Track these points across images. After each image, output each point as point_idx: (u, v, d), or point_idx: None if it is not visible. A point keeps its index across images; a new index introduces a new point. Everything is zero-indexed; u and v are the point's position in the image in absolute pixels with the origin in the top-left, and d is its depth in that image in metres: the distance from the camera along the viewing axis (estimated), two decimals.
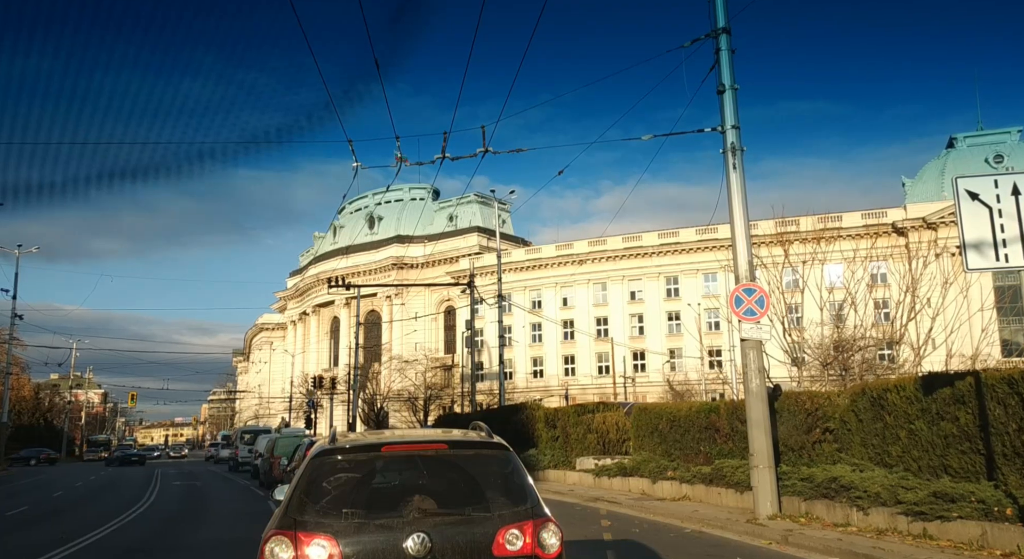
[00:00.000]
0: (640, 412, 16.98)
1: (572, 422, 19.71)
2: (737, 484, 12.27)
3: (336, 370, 73.02)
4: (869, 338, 19.85)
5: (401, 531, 4.20)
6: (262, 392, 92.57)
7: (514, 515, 4.44)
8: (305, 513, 4.30)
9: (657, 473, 14.97)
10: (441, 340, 78.65)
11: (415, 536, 4.18)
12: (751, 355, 11.31)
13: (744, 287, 11.37)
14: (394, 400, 66.57)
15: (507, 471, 4.76)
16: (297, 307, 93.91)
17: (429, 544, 4.17)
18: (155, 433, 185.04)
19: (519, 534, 4.37)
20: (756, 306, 11.20)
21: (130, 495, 22.23)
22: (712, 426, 13.78)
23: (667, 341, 65.00)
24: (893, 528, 8.81)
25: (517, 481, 4.70)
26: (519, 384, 66.62)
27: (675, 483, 14.36)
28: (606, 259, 68.14)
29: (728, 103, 11.52)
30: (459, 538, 4.26)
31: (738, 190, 11.44)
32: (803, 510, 10.51)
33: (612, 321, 66.96)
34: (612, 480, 16.78)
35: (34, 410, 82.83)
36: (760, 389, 11.18)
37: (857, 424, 10.64)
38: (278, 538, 4.19)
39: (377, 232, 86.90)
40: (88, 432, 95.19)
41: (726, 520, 10.98)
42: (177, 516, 16.29)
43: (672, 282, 66.31)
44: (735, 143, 11.39)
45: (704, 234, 65.07)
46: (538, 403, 25.02)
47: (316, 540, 4.14)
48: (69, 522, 15.41)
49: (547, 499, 14.24)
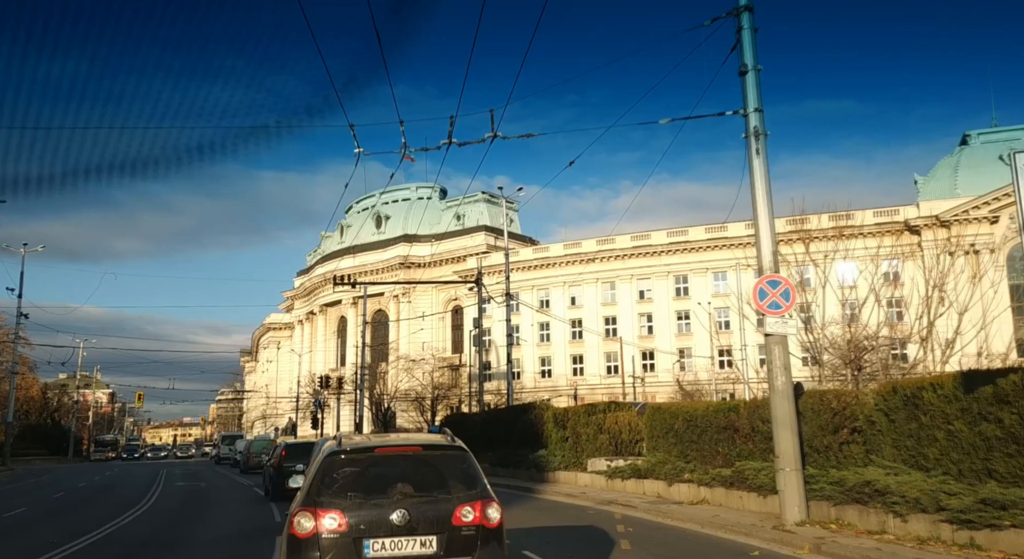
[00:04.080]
0: (654, 412, 16.36)
1: (583, 422, 19.10)
2: (760, 487, 11.66)
3: (343, 370, 72.62)
4: (889, 337, 19.26)
5: (389, 508, 5.95)
6: (269, 392, 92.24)
7: (468, 496, 6.19)
8: (321, 495, 6.06)
9: (673, 475, 14.36)
10: (448, 340, 78.13)
11: (399, 511, 5.91)
12: (776, 351, 10.70)
13: (768, 279, 10.76)
14: (401, 400, 66.08)
15: (464, 466, 6.53)
16: (304, 307, 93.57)
17: (408, 517, 5.90)
18: (164, 433, 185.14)
19: (471, 509, 6.09)
20: (781, 299, 10.59)
21: (132, 495, 21.82)
22: (731, 426, 13.16)
23: (676, 341, 64.32)
24: (935, 537, 8.21)
25: (471, 473, 6.47)
26: (527, 384, 66.07)
27: (692, 486, 13.75)
28: (614, 258, 67.48)
29: (751, 85, 10.91)
30: (429, 512, 6.01)
31: (761, 177, 10.83)
32: (833, 516, 9.90)
33: (621, 320, 66.28)
34: (625, 482, 16.20)
35: (41, 410, 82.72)
36: (786, 387, 10.57)
37: (888, 424, 10.02)
38: (303, 512, 5.94)
39: (384, 231, 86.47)
40: (96, 432, 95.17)
41: (750, 526, 10.38)
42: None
43: (681, 281, 65.59)
44: (758, 127, 10.77)
45: (714, 233, 64.38)
46: (547, 403, 24.45)
47: (329, 514, 5.91)
48: (66, 523, 14.99)
49: (558, 502, 13.78)
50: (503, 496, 17.56)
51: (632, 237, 66.87)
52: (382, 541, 5.89)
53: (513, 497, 17.36)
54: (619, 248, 66.85)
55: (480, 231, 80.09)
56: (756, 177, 10.87)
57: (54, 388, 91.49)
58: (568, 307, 68.14)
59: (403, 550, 5.91)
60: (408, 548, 5.91)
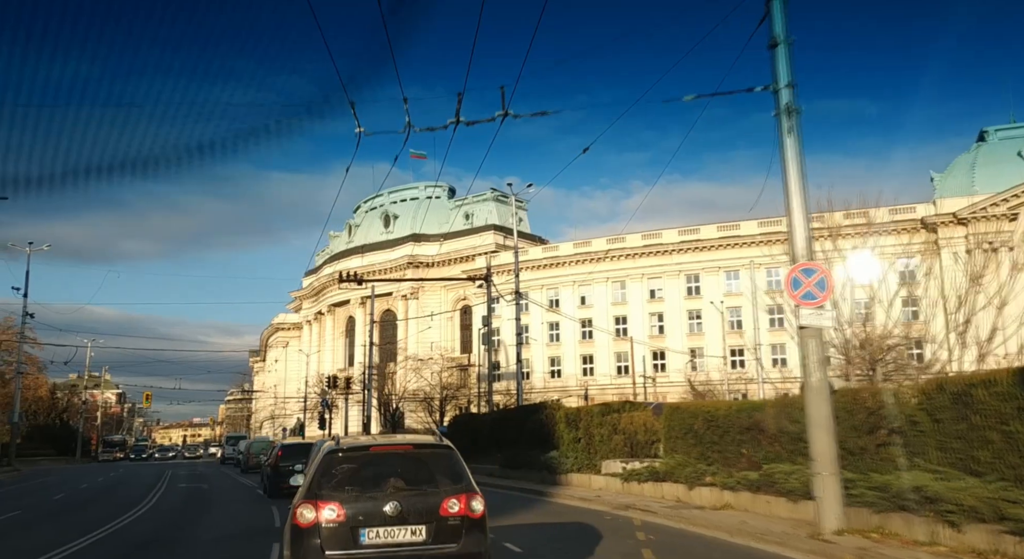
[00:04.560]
0: (672, 412, 15.56)
1: (596, 422, 18.33)
2: (790, 492, 10.88)
3: (351, 370, 72.05)
4: (906, 336, 18.56)
5: (383, 500, 6.47)
6: (277, 392, 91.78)
7: (454, 490, 6.68)
8: (321, 489, 6.58)
9: (694, 478, 13.59)
10: (457, 339, 77.49)
11: (391, 503, 6.43)
12: (811, 345, 9.92)
13: (802, 267, 9.98)
14: (410, 400, 65.48)
15: (451, 463, 6.99)
16: (312, 307, 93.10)
17: (400, 508, 6.43)
18: (173, 433, 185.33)
19: (456, 502, 6.59)
20: (816, 289, 9.82)
21: (134, 496, 21.24)
22: (755, 426, 12.39)
23: (688, 340, 63.47)
24: (996, 550, 7.44)
25: (457, 469, 6.93)
26: (536, 384, 65.30)
27: (715, 490, 12.97)
28: (625, 257, 66.68)
29: (781, 58, 10.12)
30: (419, 504, 6.54)
31: (794, 157, 10.05)
32: (874, 524, 9.11)
33: (631, 320, 65.45)
34: (643, 485, 15.44)
35: (50, 410, 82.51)
36: (822, 384, 9.78)
37: (932, 425, 9.23)
38: (305, 504, 6.47)
39: (392, 231, 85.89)
40: (105, 432, 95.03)
41: (783, 534, 9.61)
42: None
43: (693, 280, 64.74)
44: (790, 103, 9.99)
45: (726, 231, 63.57)
46: (558, 403, 23.74)
47: (329, 505, 6.42)
48: (64, 525, 14.43)
49: (573, 506, 12.97)
50: (512, 499, 16.85)
51: (643, 236, 66.07)
52: (376, 530, 6.45)
53: (523, 501, 16.65)
54: (630, 247, 66.07)
55: (489, 230, 79.42)
56: (788, 157, 10.09)
57: (64, 388, 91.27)
58: (578, 306, 67.37)
59: (395, 538, 6.47)
60: (400, 536, 6.48)
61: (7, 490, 26.52)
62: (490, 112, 11.59)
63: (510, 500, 16.96)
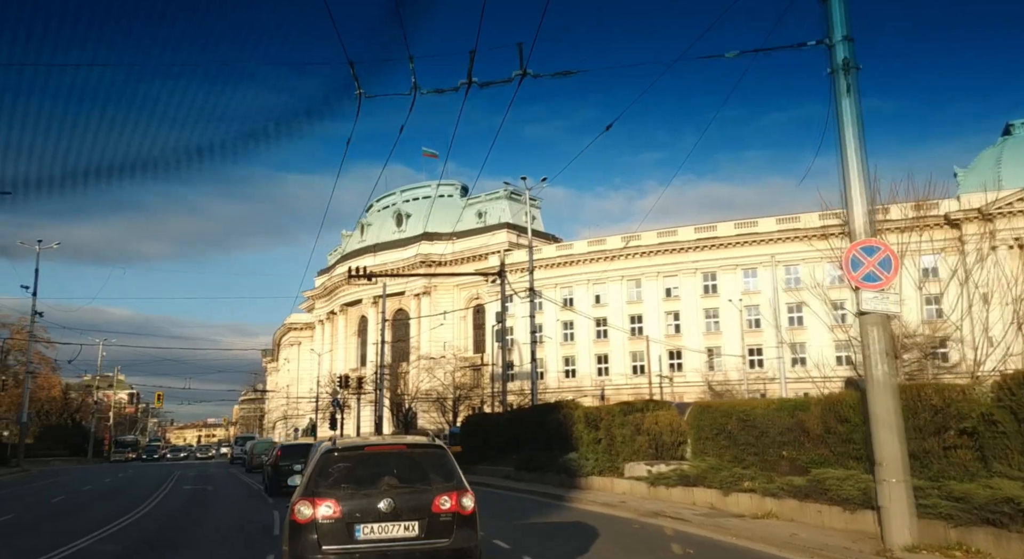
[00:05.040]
0: (702, 411, 14.43)
1: (618, 422, 17.18)
2: (846, 501, 9.73)
3: (363, 370, 71.30)
4: (931, 334, 17.50)
5: (377, 497, 6.81)
6: (290, 392, 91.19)
7: (446, 488, 6.99)
8: (318, 487, 6.90)
9: (730, 483, 12.47)
10: (470, 339, 76.52)
11: (385, 500, 6.77)
12: (874, 333, 8.75)
13: (862, 245, 8.84)
14: (422, 400, 64.65)
15: (443, 462, 7.29)
16: (325, 306, 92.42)
17: (394, 505, 6.75)
18: (188, 434, 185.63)
19: (448, 499, 6.90)
20: (880, 270, 8.67)
21: (136, 498, 20.39)
22: (798, 427, 11.26)
23: (705, 339, 62.23)
24: None
25: (449, 468, 7.22)
26: (550, 384, 64.23)
27: (754, 496, 11.85)
28: (640, 255, 65.51)
29: (837, 8, 8.99)
30: (412, 501, 6.87)
31: (852, 121, 8.89)
32: (953, 539, 7.96)
33: (647, 319, 64.28)
34: (671, 490, 14.33)
35: (62, 410, 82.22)
36: (887, 378, 8.61)
37: (1015, 426, 8.09)
38: (302, 501, 6.77)
39: (405, 229, 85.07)
40: (118, 433, 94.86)
41: (843, 550, 8.48)
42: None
43: (709, 278, 63.52)
44: (848, 58, 8.84)
45: (743, 228, 62.30)
46: (575, 402, 22.65)
47: (325, 502, 6.75)
48: (51, 532, 13.56)
49: (595, 513, 11.76)
50: (529, 504, 15.78)
51: (658, 234, 64.88)
52: (371, 526, 6.68)
53: (541, 506, 15.58)
54: (645, 245, 64.91)
55: (502, 228, 78.40)
56: (845, 121, 8.95)
57: (78, 389, 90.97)
58: (592, 305, 66.21)
59: (389, 534, 6.68)
60: (393, 532, 6.69)
61: (9, 492, 25.71)
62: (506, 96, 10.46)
63: (526, 505, 15.91)
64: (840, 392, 12.54)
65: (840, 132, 9.03)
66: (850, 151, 8.92)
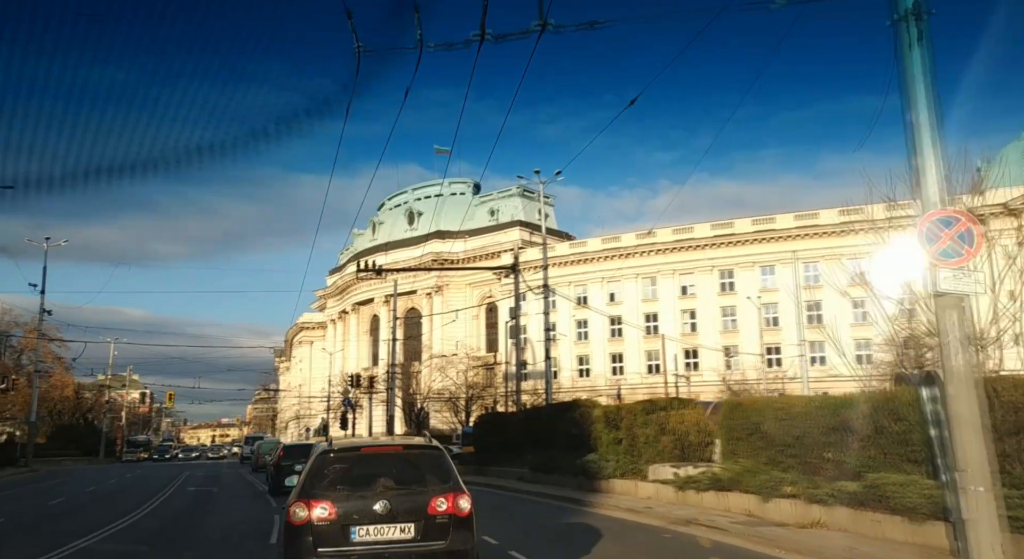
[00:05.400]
0: (733, 410, 13.47)
1: (640, 421, 16.27)
2: (909, 510, 8.71)
3: (375, 369, 70.68)
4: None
5: (373, 499, 6.79)
6: (303, 391, 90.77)
7: (442, 489, 6.98)
8: (313, 489, 6.91)
9: (769, 488, 11.45)
10: (483, 338, 75.75)
11: (381, 502, 6.75)
12: (952, 318, 7.60)
13: (938, 216, 7.74)
14: (435, 400, 63.98)
15: (439, 463, 7.31)
16: (336, 306, 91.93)
17: (389, 507, 6.73)
18: (202, 433, 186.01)
19: (444, 501, 6.88)
20: (959, 243, 7.53)
21: (136, 500, 19.71)
22: (844, 426, 10.30)
23: (722, 338, 61.11)
24: None
25: (446, 469, 7.23)
26: (564, 383, 63.36)
27: (797, 503, 10.85)
28: (655, 252, 64.54)
29: None
30: (408, 503, 6.86)
31: (922, 74, 7.65)
32: None
33: (662, 317, 63.28)
34: (702, 495, 13.34)
35: (74, 410, 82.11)
36: (967, 370, 7.41)
37: None
38: (298, 503, 6.74)
39: (416, 228, 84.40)
40: (131, 432, 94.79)
41: None
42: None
43: (726, 276, 62.43)
44: (920, 2, 7.76)
45: (761, 225, 61.18)
46: (594, 400, 21.75)
47: (320, 504, 6.71)
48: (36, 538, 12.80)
49: (621, 520, 10.70)
50: (545, 509, 14.88)
51: (674, 231, 63.84)
52: (367, 528, 6.61)
53: (559, 511, 14.71)
54: (660, 242, 63.91)
55: (515, 226, 77.56)
56: (913, 76, 7.87)
57: (92, 389, 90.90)
58: (607, 304, 65.24)
59: (385, 535, 6.62)
60: (389, 534, 6.63)
61: (10, 493, 25.10)
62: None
63: (543, 510, 15.07)
64: (893, 389, 11.54)
65: (907, 89, 7.81)
66: (920, 109, 7.75)
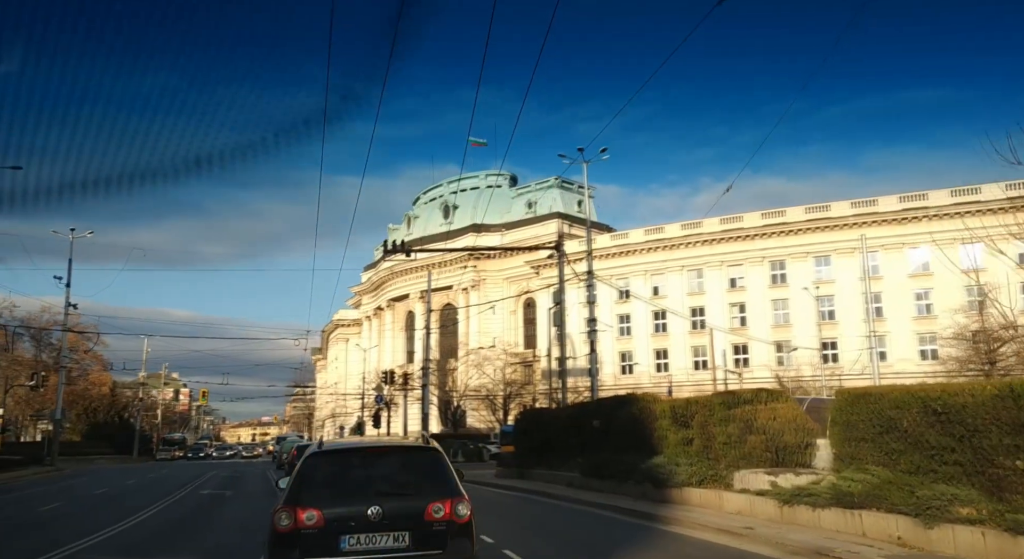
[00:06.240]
0: (854, 401, 10.41)
1: (718, 417, 13.40)
2: None
3: (410, 366, 68.65)
4: None
5: (364, 504, 6.28)
6: (338, 389, 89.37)
7: (439, 494, 6.49)
8: (301, 494, 6.37)
9: (935, 509, 8.32)
10: (520, 334, 73.28)
11: (373, 507, 6.24)
12: None
13: None
14: (471, 398, 61.85)
15: (436, 466, 6.80)
16: (372, 302, 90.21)
17: (382, 512, 6.24)
18: (242, 432, 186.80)
19: (441, 507, 6.40)
20: None
21: (137, 504, 17.57)
22: None
23: (773, 332, 57.63)
24: None
25: (443, 473, 6.72)
26: (606, 380, 60.39)
27: (987, 531, 7.73)
28: (702, 243, 61.44)
29: None
30: (402, 509, 6.38)
31: None
32: None
33: (709, 311, 60.10)
34: (819, 513, 10.24)
35: (109, 408, 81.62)
36: None
37: None
38: (284, 509, 6.27)
39: (452, 221, 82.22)
40: (168, 431, 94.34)
41: None
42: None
43: (778, 267, 59.05)
44: None
45: (815, 213, 57.57)
46: (654, 394, 18.95)
47: (308, 511, 6.20)
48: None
49: (715, 545, 7.00)
50: (609, 525, 11.86)
51: (721, 220, 60.56)
52: (357, 536, 6.16)
53: (628, 529, 11.94)
54: (707, 232, 60.81)
55: (553, 218, 74.88)
56: None
57: (132, 387, 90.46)
58: (650, 297, 62.14)
59: (377, 544, 6.18)
60: (381, 542, 6.19)
61: (12, 496, 23.15)
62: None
63: (606, 526, 12.32)
64: None
65: None
66: None
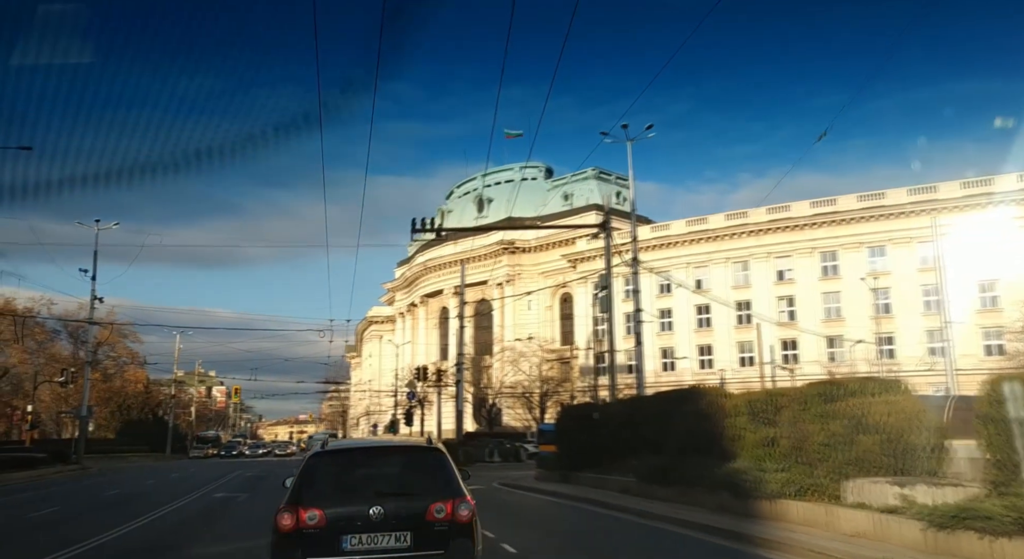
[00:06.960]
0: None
1: (813, 412, 10.73)
2: None
3: (444, 363, 66.83)
4: None
5: (366, 504, 6.36)
6: (372, 386, 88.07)
7: (441, 495, 6.55)
8: (303, 494, 6.46)
9: None
10: (557, 330, 71.00)
11: (375, 507, 6.32)
12: None
13: None
14: (507, 396, 59.83)
15: (439, 466, 6.87)
16: (405, 298, 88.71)
17: (384, 513, 6.31)
18: (279, 430, 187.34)
19: (443, 507, 6.46)
20: None
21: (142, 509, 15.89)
22: None
23: (823, 326, 54.54)
24: None
25: (445, 473, 6.78)
26: (647, 377, 57.76)
27: None
28: (747, 234, 58.54)
29: None
30: (404, 509, 6.44)
31: None
32: None
33: (756, 304, 57.11)
34: (1001, 544, 7.57)
35: (143, 405, 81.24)
36: None
37: None
38: (286, 509, 6.33)
39: (486, 215, 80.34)
40: (204, 428, 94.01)
41: None
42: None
43: (829, 258, 55.94)
44: None
45: (868, 201, 54.23)
46: (723, 388, 16.48)
47: (310, 511, 6.28)
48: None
49: None
50: (686, 547, 9.38)
51: (768, 210, 57.52)
52: (359, 536, 6.21)
53: (709, 554, 9.57)
54: (752, 223, 57.89)
55: (590, 210, 72.26)
56: None
57: (167, 384, 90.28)
58: (692, 291, 59.38)
59: (379, 544, 6.22)
60: (383, 542, 6.23)
61: (11, 498, 21.54)
62: None
63: (688, 551, 9.87)
64: None
65: None
66: None
